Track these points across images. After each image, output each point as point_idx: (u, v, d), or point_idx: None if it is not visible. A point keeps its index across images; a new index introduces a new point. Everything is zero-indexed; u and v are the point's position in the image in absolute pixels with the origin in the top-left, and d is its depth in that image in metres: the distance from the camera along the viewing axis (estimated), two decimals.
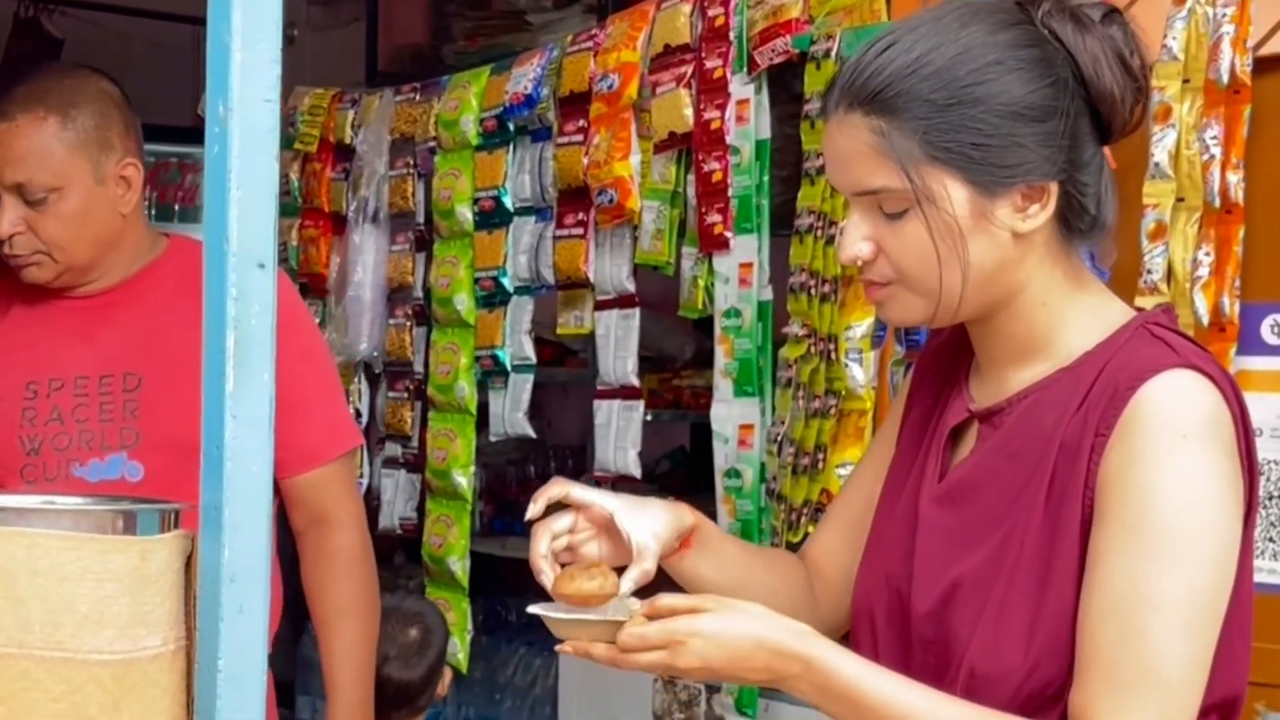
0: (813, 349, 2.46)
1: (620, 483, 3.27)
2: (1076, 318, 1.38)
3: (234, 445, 1.12)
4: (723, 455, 2.65)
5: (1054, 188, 1.34)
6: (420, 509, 3.36)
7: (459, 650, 3.17)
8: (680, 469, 4.32)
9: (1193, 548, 1.27)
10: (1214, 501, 1.28)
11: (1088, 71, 1.34)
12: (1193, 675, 1.28)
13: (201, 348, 2.10)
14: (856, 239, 1.36)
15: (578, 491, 1.48)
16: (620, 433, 2.90)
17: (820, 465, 2.42)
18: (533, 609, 1.39)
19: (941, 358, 1.49)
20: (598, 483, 3.85)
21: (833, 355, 2.42)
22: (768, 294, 2.61)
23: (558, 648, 1.37)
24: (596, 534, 1.49)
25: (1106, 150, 1.40)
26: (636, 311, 2.89)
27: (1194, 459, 1.28)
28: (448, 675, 2.62)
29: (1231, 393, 1.32)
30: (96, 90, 2.15)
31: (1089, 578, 1.29)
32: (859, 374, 2.39)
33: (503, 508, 4.51)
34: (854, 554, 1.51)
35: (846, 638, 1.51)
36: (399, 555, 4.67)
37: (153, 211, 4.48)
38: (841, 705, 1.31)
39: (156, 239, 2.23)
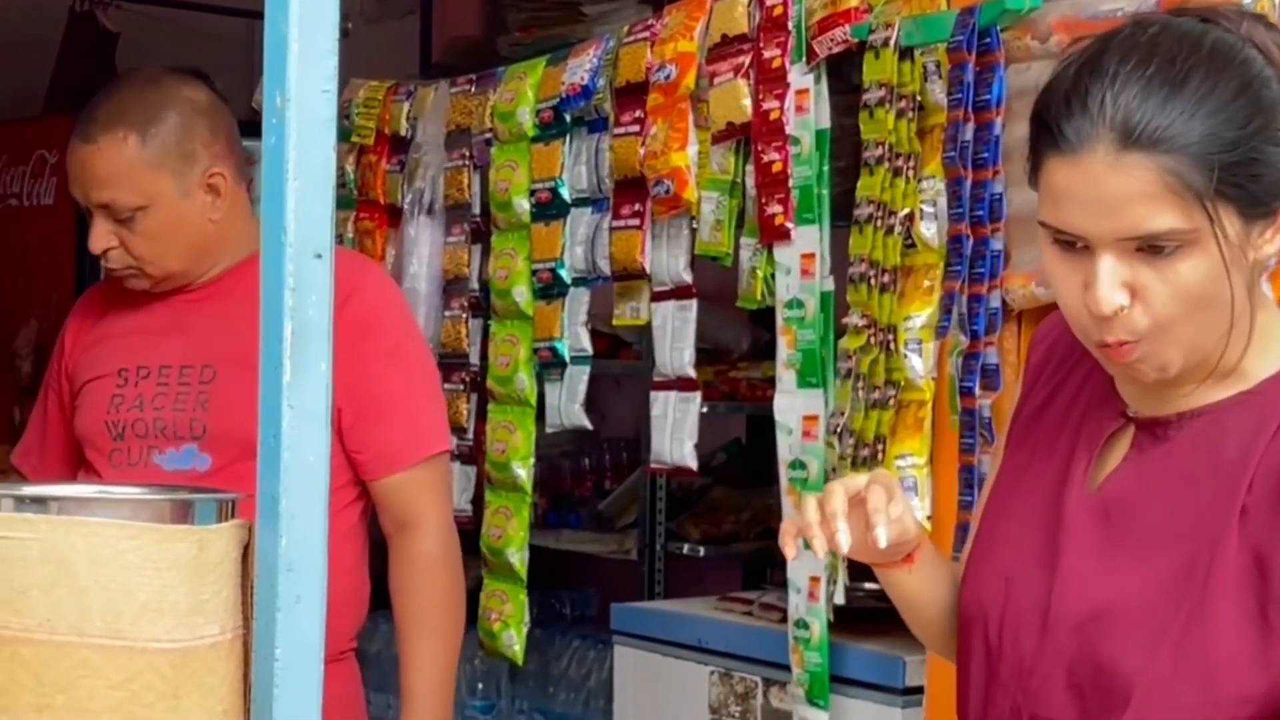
0: (872, 340, 2.45)
1: (676, 474, 3.27)
2: (1257, 338, 1.32)
3: (291, 435, 1.12)
4: (786, 447, 2.63)
5: None
6: (476, 501, 3.36)
7: (515, 642, 3.17)
8: (736, 461, 4.30)
9: None
10: None
11: None
12: None
13: None
14: (1115, 286, 1.28)
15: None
16: (676, 424, 2.89)
17: (879, 456, 2.41)
18: None
19: (1068, 348, 1.42)
20: (653, 475, 3.85)
21: (892, 346, 2.41)
22: (829, 284, 2.60)
23: None
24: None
25: None
26: (694, 303, 2.87)
27: None
28: None
29: None
30: (177, 99, 2.14)
31: None
32: (918, 364, 2.38)
33: (557, 500, 4.51)
34: None
35: None
36: None
37: None
38: None
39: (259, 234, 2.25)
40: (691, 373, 2.89)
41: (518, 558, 3.16)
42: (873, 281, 2.44)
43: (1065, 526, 1.36)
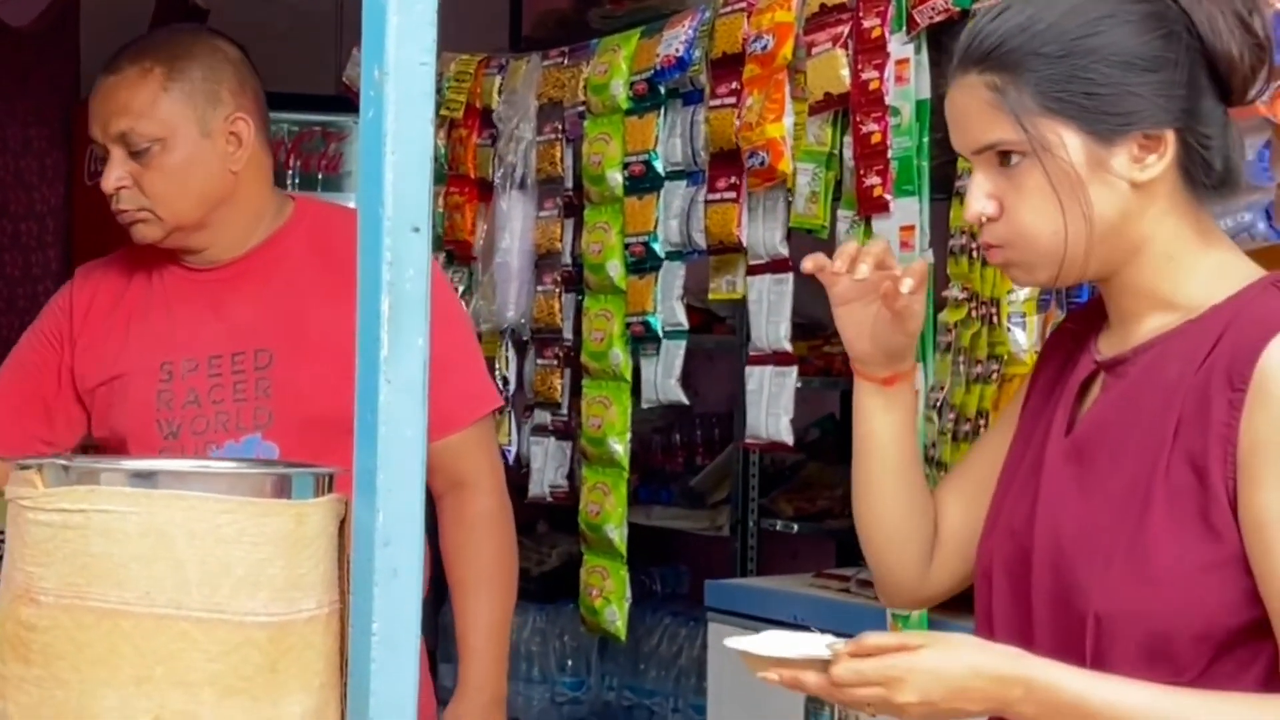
0: (974, 313, 2.42)
1: (771, 449, 3.24)
2: (1204, 272, 1.39)
3: (388, 410, 1.12)
4: None
5: (1170, 136, 1.36)
6: (570, 476, 3.36)
7: (618, 618, 3.17)
8: (830, 436, 4.27)
9: None
10: None
11: (1203, 29, 1.36)
12: None
13: (331, 320, 2.08)
14: (980, 196, 1.40)
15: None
16: (772, 399, 2.87)
17: (981, 431, 2.39)
18: (730, 642, 1.41)
19: (1074, 324, 1.51)
20: (747, 450, 3.82)
21: (994, 319, 2.39)
22: (929, 257, 2.56)
23: (761, 675, 1.38)
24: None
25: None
26: (790, 276, 2.84)
27: None
28: None
29: None
30: (209, 46, 2.12)
31: (1262, 545, 1.29)
32: (1021, 338, 2.36)
33: (648, 476, 4.50)
34: (967, 516, 1.54)
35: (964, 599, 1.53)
36: (542, 524, 4.68)
37: (296, 180, 4.53)
38: None
39: (283, 203, 2.19)
40: (788, 347, 2.86)
41: (617, 533, 3.15)
42: (974, 254, 2.41)
43: (1042, 473, 1.43)
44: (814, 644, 1.37)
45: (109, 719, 1.27)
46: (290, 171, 4.64)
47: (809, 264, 1.52)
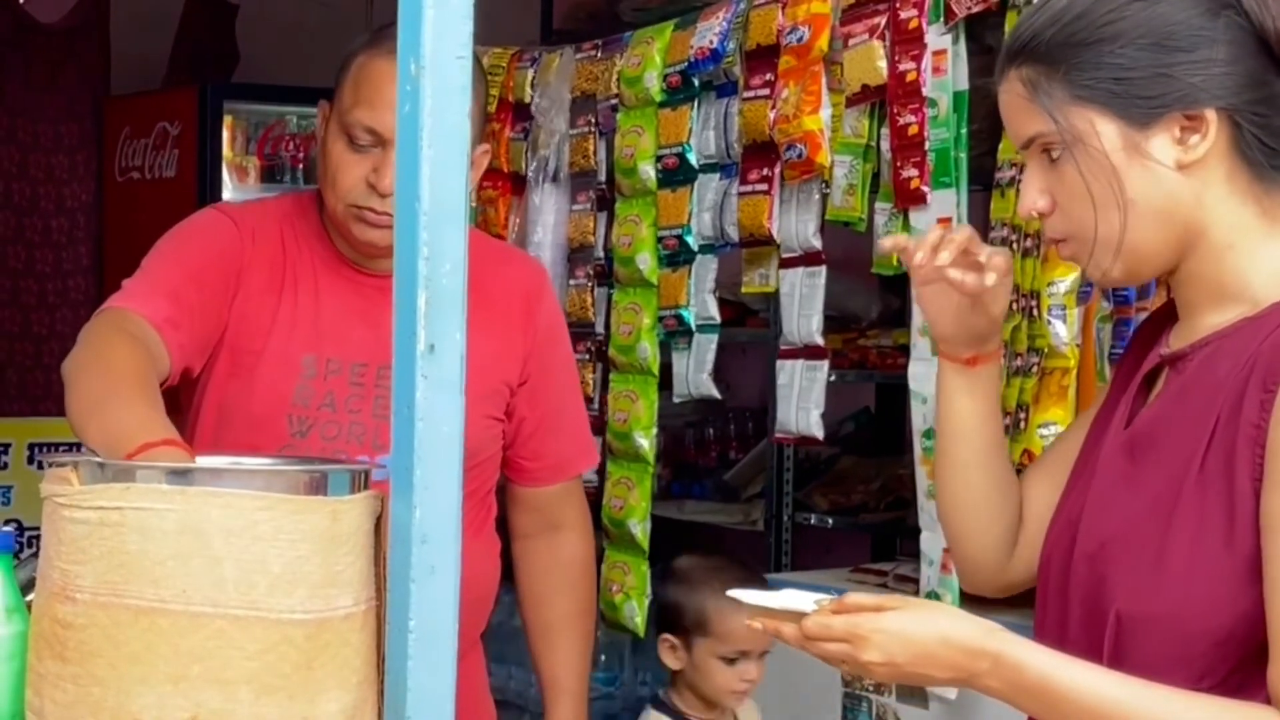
0: (1014, 306, 2.41)
1: (802, 443, 3.23)
2: (1271, 262, 1.35)
3: (425, 406, 1.11)
4: (920, 415, 2.58)
5: (1212, 116, 1.32)
6: (601, 471, 3.35)
7: (637, 614, 3.16)
8: (865, 430, 4.25)
9: None
10: None
11: (1248, 2, 1.32)
12: None
13: (487, 347, 2.00)
14: (1031, 191, 1.39)
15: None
16: (803, 393, 2.85)
17: (1022, 425, 2.37)
18: (731, 592, 1.44)
19: (1156, 320, 1.48)
20: (779, 444, 3.80)
21: (1035, 312, 2.37)
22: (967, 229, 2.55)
23: (747, 621, 1.39)
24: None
25: None
26: (822, 269, 2.83)
27: None
28: None
29: None
30: (480, 71, 1.96)
31: (1272, 548, 1.26)
32: (1062, 331, 2.34)
33: (680, 470, 4.49)
34: (1053, 501, 1.50)
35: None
36: None
37: None
38: (1035, 701, 1.30)
39: None
40: (819, 340, 2.85)
41: (639, 529, 3.14)
42: (1014, 246, 2.40)
43: (1098, 466, 1.42)
44: (807, 601, 1.39)
45: (146, 717, 1.26)
46: None
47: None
